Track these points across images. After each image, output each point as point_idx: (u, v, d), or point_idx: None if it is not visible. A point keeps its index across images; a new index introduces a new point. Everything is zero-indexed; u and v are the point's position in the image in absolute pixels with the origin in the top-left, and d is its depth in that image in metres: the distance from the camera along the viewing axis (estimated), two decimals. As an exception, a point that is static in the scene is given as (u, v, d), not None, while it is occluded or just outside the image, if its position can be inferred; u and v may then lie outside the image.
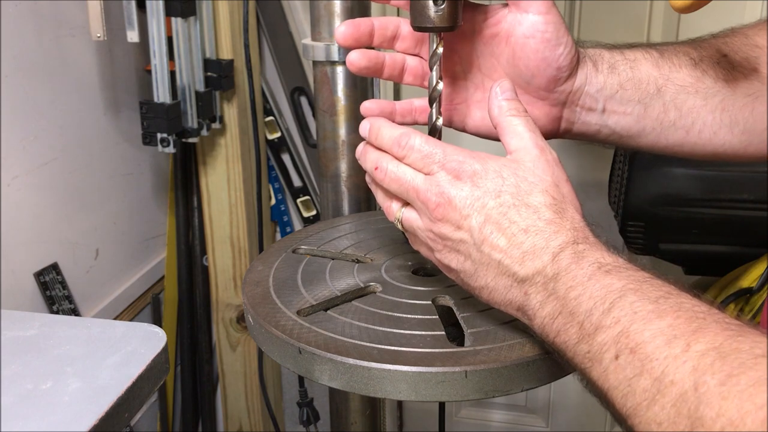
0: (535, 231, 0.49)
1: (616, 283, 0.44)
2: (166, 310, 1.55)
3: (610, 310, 0.43)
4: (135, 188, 1.45)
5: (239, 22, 1.37)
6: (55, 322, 0.67)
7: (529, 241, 0.49)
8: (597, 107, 0.61)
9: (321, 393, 1.31)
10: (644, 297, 0.42)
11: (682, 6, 0.51)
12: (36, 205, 1.16)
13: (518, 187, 0.51)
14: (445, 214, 0.52)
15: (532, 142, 0.53)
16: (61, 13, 1.18)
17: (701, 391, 0.36)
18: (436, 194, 0.52)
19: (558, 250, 0.48)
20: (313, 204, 1.62)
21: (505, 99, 0.55)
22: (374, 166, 0.56)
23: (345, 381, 0.54)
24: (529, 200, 0.50)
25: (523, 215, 0.50)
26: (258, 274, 0.69)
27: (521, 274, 0.49)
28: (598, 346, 0.43)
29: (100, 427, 0.52)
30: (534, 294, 0.48)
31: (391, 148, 0.55)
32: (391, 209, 0.57)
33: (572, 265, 0.47)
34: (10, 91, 1.08)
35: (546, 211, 0.50)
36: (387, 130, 0.56)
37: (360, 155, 0.59)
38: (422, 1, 0.55)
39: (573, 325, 0.45)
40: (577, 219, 0.50)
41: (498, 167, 0.51)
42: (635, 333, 0.41)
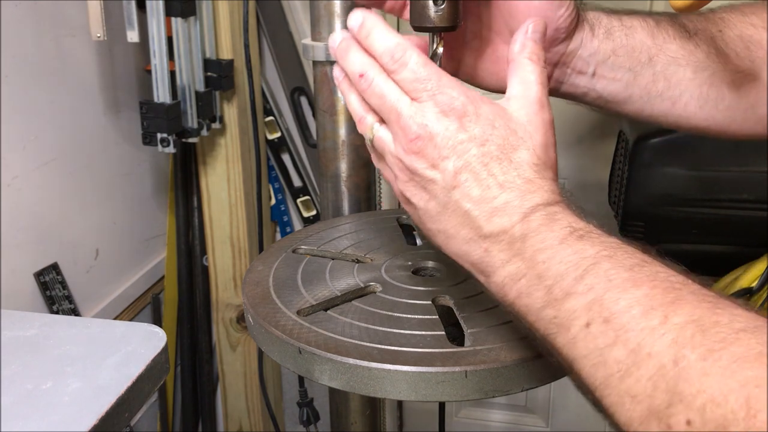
0: (512, 188, 0.47)
1: (589, 249, 0.42)
2: (166, 310, 1.55)
3: (583, 277, 0.41)
4: (135, 188, 1.45)
5: (239, 22, 1.37)
6: (55, 322, 0.67)
7: (502, 197, 0.47)
8: (587, 71, 0.61)
9: (321, 393, 1.31)
10: (619, 264, 0.41)
11: (682, 6, 0.51)
12: (36, 205, 1.16)
13: (506, 139, 0.48)
14: (422, 149, 0.48)
15: (536, 96, 0.51)
16: (61, 13, 1.18)
17: (681, 365, 0.34)
18: (418, 125, 0.48)
19: (530, 211, 0.46)
20: (313, 204, 1.62)
21: (533, 39, 0.53)
22: (359, 73, 0.51)
23: (345, 381, 0.54)
24: (513, 156, 0.48)
25: (504, 169, 0.47)
26: (258, 274, 0.69)
27: (486, 229, 0.47)
28: (566, 312, 0.41)
29: (100, 427, 0.52)
30: (496, 252, 0.46)
31: (382, 56, 0.50)
32: (365, 122, 0.53)
33: (542, 227, 0.45)
34: (10, 91, 1.08)
35: (528, 170, 0.48)
36: (381, 33, 0.51)
37: (342, 50, 0.53)
38: (422, 1, 0.55)
39: (539, 289, 0.43)
40: (555, 186, 0.48)
41: (491, 114, 0.49)
42: (609, 301, 0.39)
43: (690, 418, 0.33)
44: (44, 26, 1.15)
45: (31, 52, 1.13)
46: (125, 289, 1.42)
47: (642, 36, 0.60)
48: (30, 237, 1.15)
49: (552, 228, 0.45)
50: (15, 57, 1.09)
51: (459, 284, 0.66)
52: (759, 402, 0.31)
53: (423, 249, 0.75)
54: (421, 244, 0.77)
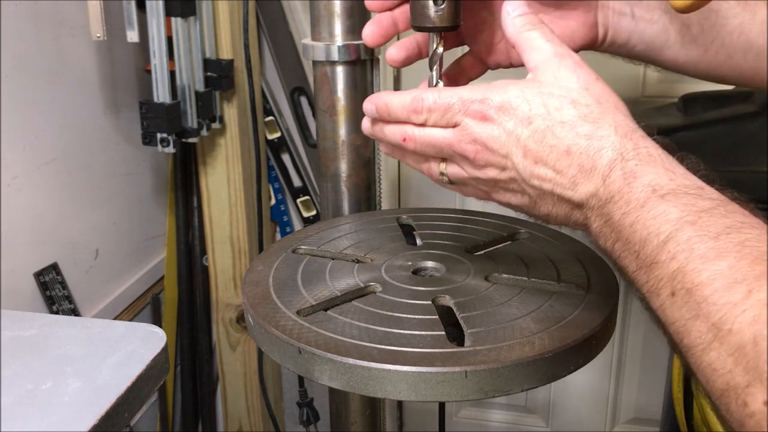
0: (578, 150, 0.47)
1: (673, 212, 0.42)
2: (166, 310, 1.55)
3: (666, 244, 0.41)
4: (135, 188, 1.45)
5: (239, 22, 1.37)
6: (55, 322, 0.67)
7: (575, 164, 0.47)
8: (626, 11, 0.61)
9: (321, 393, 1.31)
10: (703, 231, 0.40)
11: (682, 6, 0.51)
12: (36, 205, 1.16)
13: (546, 105, 0.48)
14: (487, 159, 0.50)
15: (550, 52, 0.51)
16: (61, 13, 1.18)
17: (761, 345, 0.34)
18: (470, 142, 0.51)
19: (608, 171, 0.46)
20: (313, 204, 1.62)
21: (518, 15, 0.54)
22: (401, 138, 0.55)
23: (345, 381, 0.54)
24: (561, 116, 0.48)
25: (560, 135, 0.47)
26: (258, 274, 0.69)
27: (576, 198, 0.48)
28: (654, 280, 0.42)
29: (100, 427, 0.52)
30: (593, 218, 0.47)
31: (409, 117, 0.53)
32: (431, 170, 0.56)
33: (624, 188, 0.45)
34: (10, 91, 1.08)
35: (583, 124, 0.47)
36: (396, 100, 0.54)
37: (375, 134, 0.57)
38: (422, 1, 0.55)
39: (630, 253, 0.44)
40: (620, 121, 0.48)
41: (520, 91, 0.49)
42: (692, 272, 0.39)
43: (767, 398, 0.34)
44: (44, 26, 1.15)
45: (31, 52, 1.13)
46: (125, 289, 1.42)
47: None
48: (30, 237, 1.15)
49: (633, 188, 0.44)
50: (15, 57, 1.09)
51: (459, 284, 0.66)
52: None
53: (423, 249, 0.75)
54: (421, 244, 0.77)
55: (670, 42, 0.62)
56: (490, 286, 0.66)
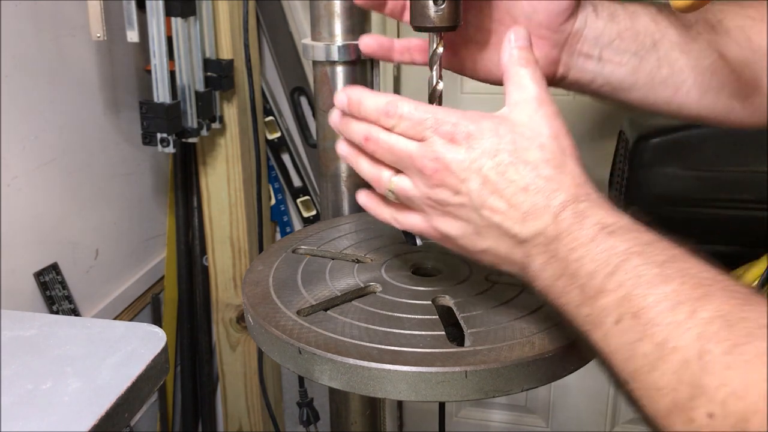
0: (535, 190, 0.48)
1: (620, 246, 0.43)
2: (166, 310, 1.55)
3: (614, 274, 0.42)
4: (135, 188, 1.45)
5: (239, 22, 1.37)
6: (55, 322, 0.67)
7: (528, 201, 0.48)
8: (594, 54, 0.61)
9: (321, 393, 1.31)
10: (649, 261, 0.41)
11: (682, 6, 0.51)
12: (36, 205, 1.16)
13: (515, 143, 0.49)
14: (443, 179, 0.50)
15: (533, 94, 0.52)
16: (61, 13, 1.18)
17: (705, 359, 0.35)
18: (432, 159, 0.50)
19: (559, 210, 0.47)
20: (313, 204, 1.62)
21: (518, 47, 0.54)
22: (364, 137, 0.54)
23: (345, 381, 0.54)
24: (527, 156, 0.49)
25: (522, 173, 0.48)
26: (258, 274, 0.69)
27: (522, 234, 0.48)
28: (599, 309, 0.42)
29: (100, 427, 0.52)
30: (536, 255, 0.48)
31: (379, 118, 0.53)
32: (381, 179, 0.55)
33: (574, 226, 0.46)
34: (10, 91, 1.08)
35: (545, 167, 0.49)
36: (370, 99, 0.53)
37: (340, 126, 0.57)
38: (422, 1, 0.55)
39: (574, 288, 0.44)
40: (577, 173, 0.49)
41: (493, 126, 0.50)
42: (638, 297, 0.40)
43: (712, 411, 0.34)
44: (44, 26, 1.15)
45: (31, 52, 1.13)
46: (125, 289, 1.42)
47: (645, 20, 0.61)
48: (30, 237, 1.15)
49: (582, 226, 0.46)
50: (15, 57, 1.09)
51: (459, 284, 0.66)
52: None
53: (423, 249, 0.75)
54: (421, 244, 0.77)
55: (639, 84, 0.62)
56: (490, 286, 0.66)
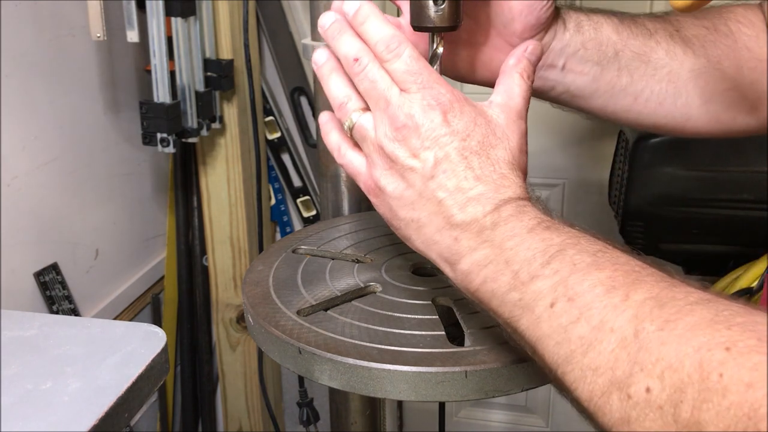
0: (487, 181, 0.49)
1: (556, 238, 0.44)
2: (166, 310, 1.55)
3: (549, 262, 0.43)
4: (135, 188, 1.45)
5: (239, 22, 1.37)
6: (55, 322, 0.67)
7: (477, 189, 0.49)
8: (558, 64, 0.62)
9: (321, 393, 1.31)
10: (583, 251, 0.43)
11: (682, 6, 0.51)
12: (36, 205, 1.16)
13: (486, 137, 0.50)
14: (407, 137, 0.50)
15: (517, 107, 0.53)
16: (61, 13, 1.18)
17: (641, 337, 0.36)
18: (405, 114, 0.50)
19: (502, 203, 0.48)
20: (313, 204, 1.62)
21: (528, 59, 0.55)
22: (354, 56, 0.52)
23: (345, 381, 0.54)
24: (491, 153, 0.50)
25: (482, 164, 0.49)
26: (258, 274, 0.69)
27: (458, 218, 0.48)
28: (532, 294, 0.43)
29: (100, 427, 0.52)
30: (465, 240, 0.48)
31: (377, 45, 0.51)
32: (347, 106, 0.54)
33: (512, 218, 0.47)
34: (10, 91, 1.08)
35: (504, 167, 0.50)
36: (377, 22, 0.52)
37: (332, 32, 0.54)
38: (422, 1, 0.55)
39: (505, 274, 0.45)
40: (525, 185, 0.51)
41: (474, 114, 0.51)
42: (574, 283, 0.41)
43: (649, 385, 0.35)
44: (44, 26, 1.15)
45: (31, 52, 1.13)
46: (125, 289, 1.42)
47: (608, 31, 0.62)
48: (30, 237, 1.15)
49: (521, 219, 0.47)
50: (15, 57, 1.09)
51: (459, 284, 0.66)
52: (710, 364, 0.33)
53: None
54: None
55: (600, 92, 0.63)
56: (490, 286, 0.66)
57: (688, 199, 1.14)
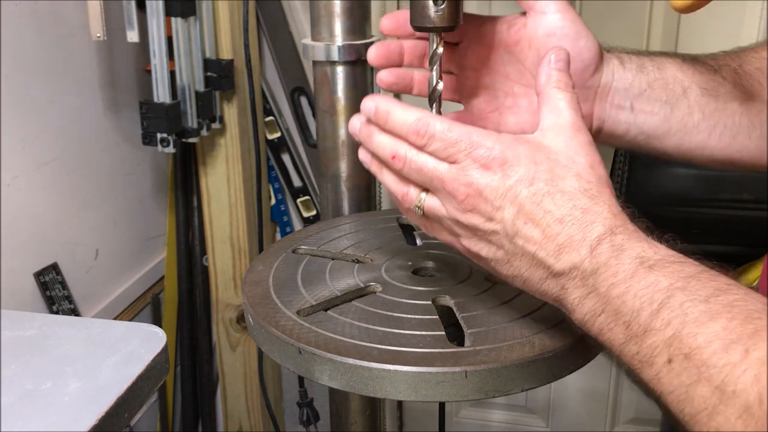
0: (571, 221, 0.47)
1: (663, 281, 0.42)
2: (166, 310, 1.55)
3: (659, 312, 0.41)
4: (135, 188, 1.45)
5: (239, 22, 1.37)
6: (55, 322, 0.67)
7: (564, 233, 0.47)
8: (625, 105, 0.62)
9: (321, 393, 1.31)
10: (693, 296, 0.41)
11: (682, 6, 0.52)
12: (36, 205, 1.16)
13: (552, 171, 0.48)
14: (476, 205, 0.49)
15: (569, 120, 0.51)
16: (61, 13, 1.18)
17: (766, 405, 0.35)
18: (464, 185, 0.49)
19: (596, 243, 0.46)
20: (313, 204, 1.62)
21: (557, 69, 0.53)
22: (390, 155, 0.52)
23: (345, 381, 0.54)
24: (563, 186, 0.48)
25: (558, 203, 0.47)
26: (258, 274, 0.69)
27: (557, 267, 0.47)
28: (648, 348, 0.41)
29: (100, 427, 0.52)
30: (572, 289, 0.47)
31: (408, 135, 0.51)
32: (408, 196, 0.53)
33: (612, 260, 0.45)
34: (10, 91, 1.08)
35: (582, 198, 0.48)
36: (399, 113, 0.51)
37: (363, 136, 0.55)
38: (422, 1, 0.55)
39: (618, 325, 0.44)
40: (613, 203, 0.48)
41: (530, 151, 0.49)
42: (688, 337, 0.39)
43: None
44: (44, 26, 1.15)
45: (31, 52, 1.13)
46: (125, 289, 1.42)
47: (673, 70, 0.62)
48: (30, 237, 1.15)
49: (621, 260, 0.45)
50: (15, 57, 1.09)
51: (459, 284, 0.66)
52: None
53: (423, 249, 0.75)
54: (421, 244, 0.77)
55: (673, 131, 0.62)
56: (490, 286, 0.66)
57: (688, 199, 1.14)
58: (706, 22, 1.29)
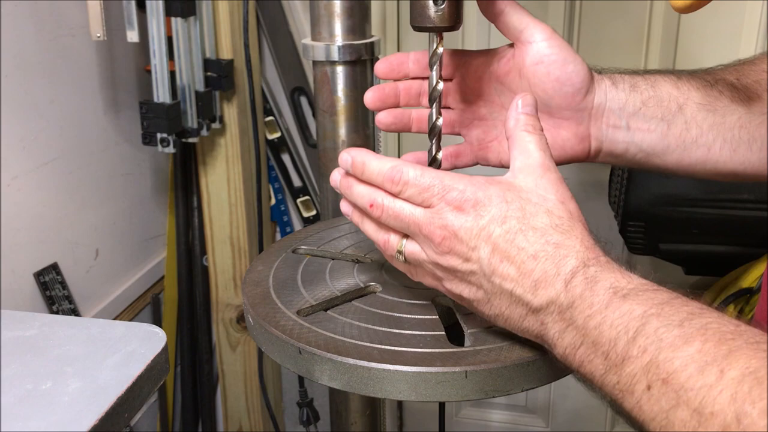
0: (545, 256, 0.48)
1: (637, 309, 0.43)
2: (166, 310, 1.55)
3: (635, 339, 0.42)
4: (135, 188, 1.45)
5: (239, 22, 1.37)
6: (55, 322, 0.67)
7: (539, 268, 0.48)
8: (621, 124, 0.62)
9: (321, 393, 1.31)
10: (668, 321, 0.41)
11: (682, 6, 0.52)
12: (36, 205, 1.16)
13: (523, 209, 0.49)
14: (452, 247, 0.50)
15: (538, 161, 0.52)
16: (61, 13, 1.18)
17: (744, 423, 0.35)
18: (440, 227, 0.50)
19: (570, 277, 0.47)
20: (313, 204, 1.62)
21: (524, 113, 0.55)
22: (368, 203, 0.54)
23: (345, 381, 0.54)
24: (535, 222, 0.49)
25: (531, 240, 0.48)
26: (258, 274, 0.69)
27: (535, 303, 0.48)
28: (627, 377, 0.42)
29: (100, 427, 0.52)
30: (551, 324, 0.48)
31: (383, 183, 0.53)
32: (389, 243, 0.55)
33: (586, 292, 0.46)
34: (10, 91, 1.08)
35: (553, 233, 0.49)
36: (374, 164, 0.53)
37: (342, 187, 0.57)
38: (422, 1, 0.55)
39: (597, 356, 0.44)
40: (585, 236, 0.49)
41: (501, 192, 0.50)
42: (665, 362, 0.40)
43: None
44: (44, 26, 1.15)
45: (31, 52, 1.13)
46: (125, 289, 1.42)
47: (667, 87, 0.63)
48: (30, 237, 1.15)
49: (596, 291, 0.45)
50: (15, 57, 1.09)
51: (459, 284, 0.66)
52: None
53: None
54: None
55: (672, 147, 0.63)
56: (490, 286, 0.66)
57: (688, 199, 1.14)
58: (706, 22, 1.30)
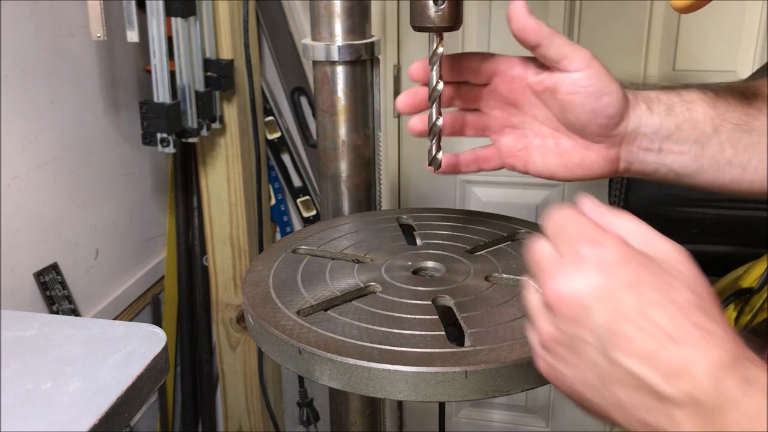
0: (687, 340, 0.39)
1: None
2: (166, 310, 1.55)
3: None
4: (135, 188, 1.45)
5: (239, 22, 1.37)
6: (55, 322, 0.67)
7: (678, 353, 0.39)
8: (653, 147, 0.62)
9: (321, 393, 1.31)
10: None
11: (682, 6, 0.52)
12: (36, 205, 1.16)
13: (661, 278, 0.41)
14: None
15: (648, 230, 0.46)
16: (61, 13, 1.18)
17: None
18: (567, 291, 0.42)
19: (720, 373, 0.38)
20: (313, 204, 1.62)
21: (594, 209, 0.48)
22: None
23: (345, 381, 0.54)
24: (676, 296, 0.40)
25: (669, 315, 0.40)
26: (258, 274, 0.69)
27: (667, 393, 0.39)
28: None
29: (100, 427, 0.52)
30: (683, 422, 0.39)
31: None
32: None
33: (744, 398, 0.37)
34: (10, 91, 1.08)
35: (696, 313, 0.40)
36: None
37: None
38: (422, 1, 0.55)
39: None
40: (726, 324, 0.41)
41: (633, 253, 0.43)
42: None
43: None
44: (44, 26, 1.15)
45: (31, 52, 1.13)
46: (125, 289, 1.42)
47: (703, 108, 0.61)
48: (30, 237, 1.15)
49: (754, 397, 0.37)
50: (15, 57, 1.09)
51: (459, 284, 0.66)
52: None
53: (423, 249, 0.75)
54: (421, 244, 0.77)
55: (704, 168, 0.62)
56: (490, 286, 0.66)
57: (688, 199, 1.14)
58: (706, 22, 1.30)
